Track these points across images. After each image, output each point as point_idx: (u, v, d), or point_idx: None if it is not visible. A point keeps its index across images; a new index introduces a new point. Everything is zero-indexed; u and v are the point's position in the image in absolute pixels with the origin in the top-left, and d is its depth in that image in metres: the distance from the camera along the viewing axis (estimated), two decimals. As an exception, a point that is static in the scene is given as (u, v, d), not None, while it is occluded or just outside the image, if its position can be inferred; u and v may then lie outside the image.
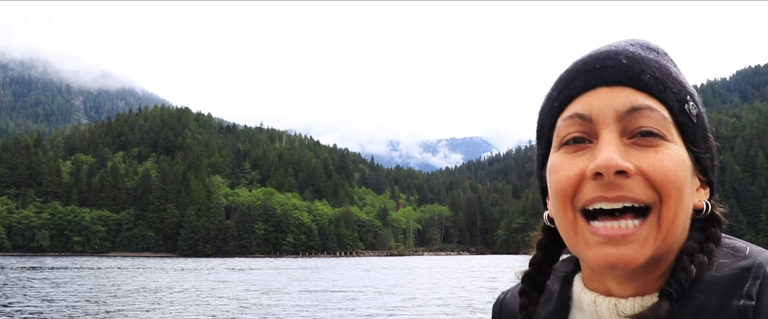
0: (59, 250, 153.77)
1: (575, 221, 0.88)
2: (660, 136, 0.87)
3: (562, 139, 0.91)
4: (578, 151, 0.89)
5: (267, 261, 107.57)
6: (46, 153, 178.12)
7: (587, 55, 0.93)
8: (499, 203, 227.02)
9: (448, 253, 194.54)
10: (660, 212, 0.84)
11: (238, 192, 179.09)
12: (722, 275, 0.87)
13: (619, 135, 0.87)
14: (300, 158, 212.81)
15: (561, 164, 0.90)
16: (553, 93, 0.96)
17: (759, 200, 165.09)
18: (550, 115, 0.95)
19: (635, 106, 0.87)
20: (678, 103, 0.90)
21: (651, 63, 0.90)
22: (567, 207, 0.88)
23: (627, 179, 0.84)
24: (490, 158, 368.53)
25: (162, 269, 65.49)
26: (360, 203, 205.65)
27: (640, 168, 0.85)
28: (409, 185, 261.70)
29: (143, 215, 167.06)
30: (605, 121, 0.87)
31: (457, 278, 50.77)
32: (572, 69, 0.93)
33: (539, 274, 1.06)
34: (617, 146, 0.85)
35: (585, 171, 0.87)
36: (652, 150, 0.86)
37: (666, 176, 0.84)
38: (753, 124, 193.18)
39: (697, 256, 0.88)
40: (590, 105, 0.89)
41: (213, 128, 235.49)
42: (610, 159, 0.83)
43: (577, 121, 0.89)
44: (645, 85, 0.88)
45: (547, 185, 0.94)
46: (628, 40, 0.94)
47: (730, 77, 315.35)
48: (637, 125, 0.86)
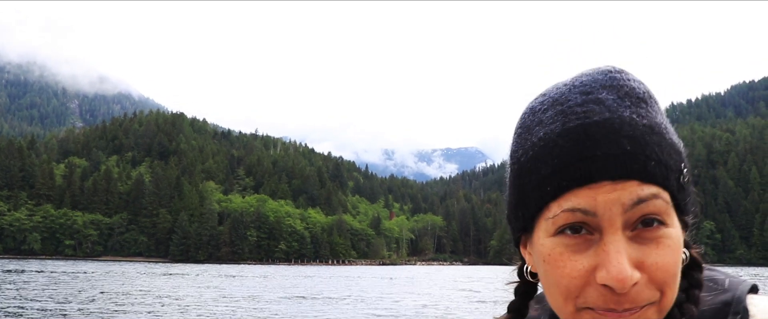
0: (50, 253, 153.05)
1: (577, 313, 0.85)
2: (661, 223, 0.83)
3: (558, 227, 0.85)
4: (579, 243, 0.84)
5: (257, 268, 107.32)
6: (40, 156, 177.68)
7: (579, 126, 0.84)
8: (492, 214, 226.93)
9: (441, 263, 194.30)
10: (661, 303, 0.84)
11: (232, 198, 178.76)
12: (703, 310, 0.89)
13: (622, 231, 0.83)
14: (294, 166, 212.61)
15: (561, 258, 0.84)
16: (540, 167, 0.86)
17: (751, 214, 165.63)
18: (539, 194, 0.86)
19: (642, 198, 0.82)
20: (677, 181, 0.86)
21: (651, 139, 0.83)
22: (569, 303, 0.85)
23: (634, 286, 0.81)
24: (485, 169, 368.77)
25: (148, 274, 65.28)
26: (353, 212, 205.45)
27: (644, 268, 0.82)
28: (403, 194, 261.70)
29: (136, 219, 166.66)
30: (611, 218, 0.82)
31: (444, 288, 50.74)
32: (564, 147, 0.84)
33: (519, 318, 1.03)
34: (626, 252, 0.81)
35: (590, 272, 0.83)
36: (654, 244, 0.83)
37: (668, 273, 0.83)
38: (746, 139, 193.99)
39: (687, 306, 0.88)
40: (594, 199, 0.82)
41: (208, 134, 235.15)
42: (625, 275, 0.80)
43: (579, 216, 0.83)
44: (651, 175, 0.83)
45: (541, 270, 0.89)
46: (611, 80, 0.86)
47: (725, 92, 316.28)
48: (641, 214, 0.82)
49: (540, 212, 0.87)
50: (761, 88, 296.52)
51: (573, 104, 0.84)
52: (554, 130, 0.84)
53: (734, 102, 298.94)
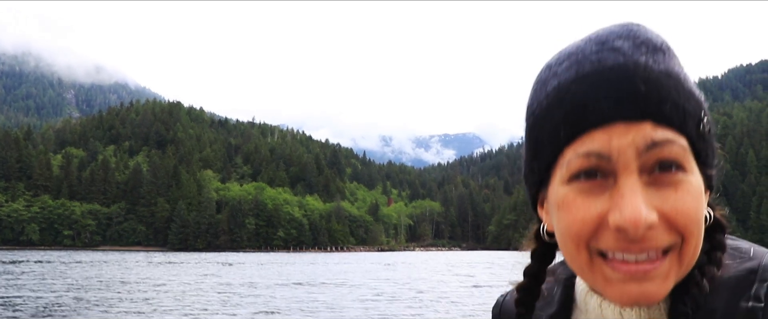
0: (49, 244, 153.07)
1: (591, 260, 0.81)
2: (680, 167, 0.79)
3: (573, 172, 0.81)
4: (594, 189, 0.80)
5: (256, 256, 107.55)
6: (37, 146, 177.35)
7: (593, 71, 0.80)
8: (490, 199, 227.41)
9: (439, 249, 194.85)
10: (681, 250, 0.79)
11: (229, 186, 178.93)
12: (728, 276, 0.85)
13: (638, 175, 0.78)
14: (292, 153, 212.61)
15: (574, 203, 0.81)
16: (554, 112, 0.82)
17: (749, 197, 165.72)
18: (553, 140, 0.83)
19: (656, 141, 0.78)
20: (695, 128, 0.81)
21: (668, 82, 0.80)
22: (581, 248, 0.81)
23: (650, 230, 0.77)
24: (483, 154, 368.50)
25: (147, 264, 65.36)
26: (351, 199, 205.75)
27: (662, 212, 0.78)
28: (401, 180, 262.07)
29: (134, 209, 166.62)
30: (626, 161, 0.78)
31: (442, 273, 50.86)
32: (578, 91, 0.80)
33: (535, 283, 1.00)
34: (641, 194, 0.77)
35: (603, 216, 0.79)
36: (672, 188, 0.79)
37: (689, 218, 0.78)
38: (744, 122, 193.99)
39: (708, 269, 0.85)
40: (608, 142, 0.79)
41: (205, 122, 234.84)
42: (639, 218, 0.76)
43: (594, 160, 0.79)
44: (666, 117, 0.79)
45: (555, 217, 0.85)
46: (625, 31, 0.83)
47: (722, 76, 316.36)
48: (657, 158, 0.78)
49: (555, 161, 0.84)
50: (758, 72, 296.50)
51: (588, 53, 0.82)
52: (568, 78, 0.82)
53: (731, 85, 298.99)
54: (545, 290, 1.00)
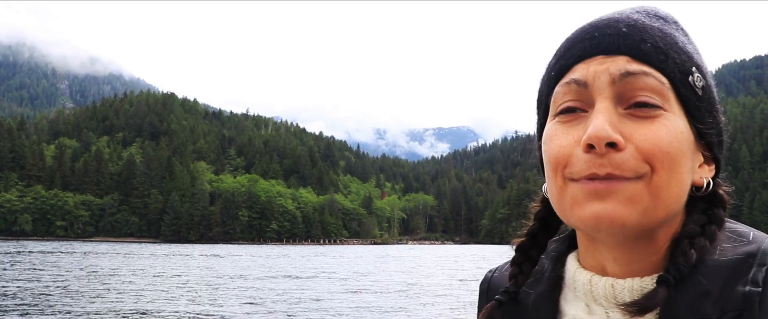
0: (42, 234, 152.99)
1: (564, 186, 0.85)
2: (657, 106, 0.83)
3: (558, 107, 0.88)
4: (573, 121, 0.86)
5: (248, 248, 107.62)
6: (30, 137, 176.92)
7: (588, 24, 0.90)
8: (484, 193, 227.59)
9: (432, 242, 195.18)
10: (651, 180, 0.81)
11: (223, 178, 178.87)
12: (726, 259, 0.83)
13: (614, 104, 0.84)
14: (285, 145, 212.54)
15: (555, 133, 0.87)
16: (551, 61, 0.93)
17: (742, 193, 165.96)
18: (547, 84, 0.92)
19: (630, 71, 0.83)
20: (680, 74, 0.85)
21: (654, 31, 0.86)
22: (558, 175, 0.86)
23: (618, 153, 0.80)
24: (476, 148, 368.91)
25: (138, 255, 65.43)
26: (345, 191, 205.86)
27: (632, 139, 0.81)
28: (395, 173, 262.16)
29: (127, 200, 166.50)
30: (600, 86, 0.84)
31: (434, 266, 51.04)
32: (571, 37, 0.91)
33: (533, 246, 1.02)
34: (610, 116, 0.82)
35: (577, 141, 0.84)
36: (648, 121, 0.82)
37: (658, 147, 0.81)
38: (737, 118, 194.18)
39: (699, 239, 0.84)
40: (586, 70, 0.86)
41: (198, 114, 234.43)
42: (601, 130, 0.80)
43: (573, 87, 0.86)
44: (644, 54, 0.84)
45: (543, 155, 0.90)
46: (636, 6, 0.91)
47: (716, 71, 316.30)
48: (633, 92, 0.83)
49: (550, 103, 0.91)
50: (752, 68, 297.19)
51: (597, 17, 0.91)
52: (569, 34, 0.91)
53: (725, 81, 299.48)
54: (537, 268, 1.01)
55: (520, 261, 1.01)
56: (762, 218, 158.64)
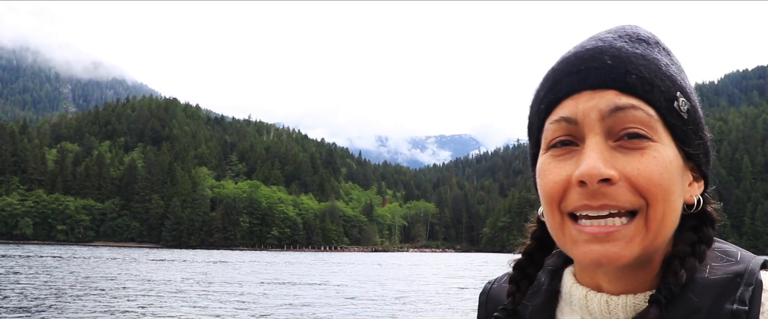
0: (42, 238, 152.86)
1: (563, 222, 0.89)
2: (646, 137, 0.86)
3: (550, 142, 0.91)
4: (565, 155, 0.90)
5: (248, 254, 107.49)
6: (32, 140, 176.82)
7: (572, 54, 0.93)
8: (485, 201, 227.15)
9: (433, 250, 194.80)
10: (647, 215, 0.85)
11: (224, 184, 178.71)
12: (715, 278, 0.88)
13: (604, 138, 0.87)
14: (287, 152, 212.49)
15: (548, 167, 0.91)
16: (539, 93, 0.96)
17: (743, 203, 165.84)
18: (537, 117, 0.96)
19: (619, 106, 0.86)
20: (666, 102, 0.89)
21: (638, 61, 0.89)
22: (554, 210, 0.89)
23: (611, 186, 0.84)
24: (478, 156, 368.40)
25: (137, 260, 65.33)
26: (346, 198, 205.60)
27: (624, 173, 0.85)
28: (396, 181, 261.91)
29: (128, 205, 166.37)
30: (590, 123, 0.87)
31: (433, 275, 50.89)
32: (557, 69, 0.93)
33: (530, 264, 1.07)
34: (601, 152, 0.85)
35: (571, 177, 0.87)
36: (638, 153, 0.86)
37: (651, 180, 0.84)
38: (739, 128, 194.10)
39: (689, 260, 0.89)
40: (576, 107, 0.89)
41: (200, 120, 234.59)
42: (594, 168, 0.83)
43: (563, 125, 0.90)
44: (630, 86, 0.87)
45: (538, 187, 0.94)
46: (618, 29, 0.94)
47: (718, 81, 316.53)
48: (622, 126, 0.86)
49: (540, 135, 0.95)
50: (754, 78, 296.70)
51: (577, 45, 0.94)
52: (554, 64, 0.95)
53: (727, 91, 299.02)
54: (536, 278, 1.06)
55: (517, 279, 1.06)
56: (764, 228, 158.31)
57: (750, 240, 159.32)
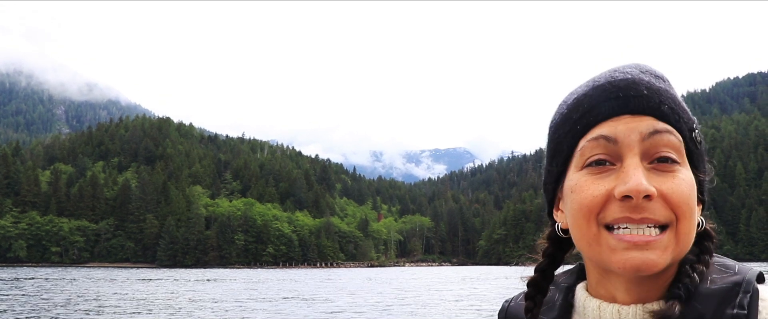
0: (37, 260, 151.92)
1: (599, 233, 0.99)
2: (675, 161, 1.00)
3: (586, 160, 1.02)
4: (602, 172, 1.00)
5: (243, 272, 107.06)
6: (25, 162, 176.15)
7: (606, 82, 1.04)
8: (480, 214, 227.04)
9: (430, 264, 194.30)
10: (677, 228, 0.98)
11: (219, 202, 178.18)
12: (716, 288, 1.01)
13: (641, 159, 0.99)
14: (281, 169, 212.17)
15: (585, 184, 1.01)
16: (572, 115, 1.05)
17: (738, 210, 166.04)
18: (571, 136, 1.05)
19: (658, 129, 1.00)
20: (688, 132, 1.04)
21: (667, 95, 1.03)
22: (591, 222, 0.99)
23: (650, 202, 0.96)
24: (473, 169, 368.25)
25: (132, 280, 64.99)
26: (341, 214, 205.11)
27: (660, 191, 0.97)
28: (391, 195, 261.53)
29: (122, 225, 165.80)
30: (630, 144, 0.99)
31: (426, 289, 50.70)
32: (593, 95, 1.04)
33: (544, 280, 1.17)
34: (643, 171, 0.98)
35: (610, 192, 0.98)
36: (670, 175, 0.99)
37: (682, 198, 0.97)
38: (732, 135, 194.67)
39: (697, 266, 1.02)
40: (616, 128, 1.00)
41: (194, 138, 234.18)
42: (640, 184, 0.95)
43: (603, 143, 1.00)
44: (664, 115, 1.01)
45: (568, 202, 1.04)
46: (635, 65, 1.07)
47: (710, 89, 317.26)
48: (657, 149, 0.99)
49: (572, 154, 1.06)
50: (745, 85, 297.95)
51: (602, 75, 1.06)
52: (585, 90, 1.07)
53: (719, 98, 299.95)
54: (547, 299, 1.17)
55: (532, 295, 1.17)
56: (759, 234, 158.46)
57: (745, 247, 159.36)
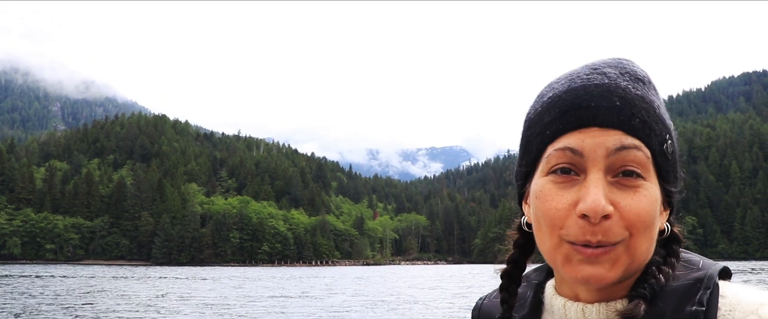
0: (31, 258, 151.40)
1: (560, 243, 1.00)
2: (640, 175, 0.98)
3: (552, 167, 1.01)
4: (565, 183, 1.00)
5: (237, 270, 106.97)
6: (20, 159, 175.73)
7: (581, 86, 1.02)
8: (476, 213, 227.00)
9: (425, 262, 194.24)
10: (629, 243, 0.97)
11: (214, 200, 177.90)
12: (678, 285, 1.01)
13: (604, 174, 0.98)
14: (277, 167, 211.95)
15: (550, 193, 1.00)
16: (543, 117, 1.04)
17: (733, 209, 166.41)
18: (540, 139, 1.04)
19: (625, 145, 0.98)
20: (659, 145, 1.01)
21: (640, 104, 1.00)
22: (554, 234, 1.00)
23: (607, 220, 0.96)
24: (469, 167, 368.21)
25: (128, 278, 64.91)
26: (337, 212, 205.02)
27: (618, 208, 0.96)
28: (387, 194, 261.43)
29: (117, 222, 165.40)
30: (595, 159, 0.98)
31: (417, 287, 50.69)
32: (565, 99, 1.02)
33: (516, 270, 1.19)
34: (603, 187, 0.97)
35: (572, 205, 0.98)
36: (631, 191, 0.98)
37: (639, 217, 0.97)
38: (727, 134, 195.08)
39: (663, 268, 1.03)
40: (582, 141, 0.99)
41: (190, 136, 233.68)
42: (598, 205, 0.94)
43: (569, 154, 0.99)
44: (634, 129, 0.99)
45: (532, 206, 1.04)
46: (617, 63, 1.04)
47: (705, 88, 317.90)
48: (622, 163, 0.98)
49: (539, 158, 1.05)
50: (741, 84, 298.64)
51: (581, 74, 1.04)
52: (561, 90, 1.04)
53: (714, 98, 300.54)
54: (520, 294, 1.19)
55: (507, 286, 1.19)
56: (753, 233, 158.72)
57: (740, 245, 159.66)
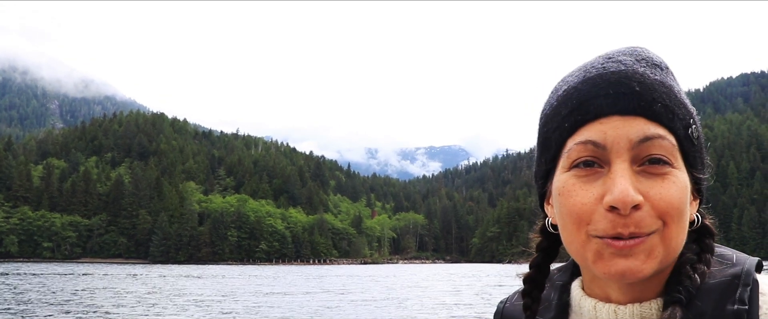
0: (28, 256, 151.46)
1: (588, 239, 0.93)
2: (667, 162, 0.92)
3: (573, 161, 0.95)
4: (589, 175, 0.94)
5: (235, 268, 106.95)
6: (17, 157, 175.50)
7: (597, 75, 0.96)
8: (474, 212, 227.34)
9: (423, 261, 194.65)
10: (663, 233, 0.91)
11: (212, 199, 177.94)
12: (715, 282, 0.95)
13: (630, 164, 0.92)
14: (275, 165, 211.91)
15: (574, 188, 0.94)
16: (561, 110, 0.98)
17: (730, 209, 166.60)
18: (558, 133, 0.98)
19: (648, 136, 0.92)
20: (684, 130, 0.95)
21: (660, 88, 0.94)
22: (581, 231, 0.93)
23: (638, 211, 0.90)
24: (467, 167, 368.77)
25: (122, 276, 64.89)
26: (335, 211, 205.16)
27: (648, 197, 0.90)
28: (385, 192, 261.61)
29: (115, 220, 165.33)
30: (619, 150, 0.92)
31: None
32: (582, 89, 0.97)
33: (540, 275, 1.12)
34: (630, 178, 0.91)
35: (598, 199, 0.92)
36: (660, 179, 0.92)
37: (671, 205, 0.90)
38: (724, 134, 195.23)
39: (698, 266, 0.96)
40: (604, 133, 0.93)
41: (188, 134, 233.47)
42: (627, 195, 0.88)
43: (591, 147, 0.93)
44: (657, 114, 0.93)
45: (557, 204, 0.98)
46: (631, 51, 0.99)
47: (703, 88, 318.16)
48: (648, 153, 0.92)
49: (559, 153, 0.98)
50: (739, 85, 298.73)
51: (595, 64, 0.98)
52: (575, 82, 0.98)
53: (712, 98, 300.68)
54: (543, 297, 1.12)
55: (530, 291, 1.12)
56: (750, 233, 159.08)
57: (737, 245, 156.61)
